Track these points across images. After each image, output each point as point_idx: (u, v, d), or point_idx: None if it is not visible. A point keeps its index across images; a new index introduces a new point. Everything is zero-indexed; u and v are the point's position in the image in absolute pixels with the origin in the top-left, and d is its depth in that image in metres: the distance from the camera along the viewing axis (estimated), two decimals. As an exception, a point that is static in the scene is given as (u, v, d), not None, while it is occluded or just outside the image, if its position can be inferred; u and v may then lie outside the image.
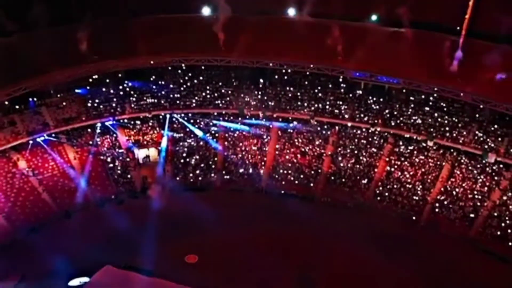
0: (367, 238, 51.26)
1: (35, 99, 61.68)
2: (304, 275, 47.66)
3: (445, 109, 57.76)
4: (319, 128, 62.39)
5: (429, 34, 55.86)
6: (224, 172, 62.17)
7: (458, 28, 54.99)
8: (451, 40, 54.43)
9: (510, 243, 50.04)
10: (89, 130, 63.80)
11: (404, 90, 58.50)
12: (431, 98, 58.00)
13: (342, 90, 61.65)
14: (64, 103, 62.97)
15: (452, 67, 52.34)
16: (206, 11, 63.73)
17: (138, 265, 48.40)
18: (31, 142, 60.59)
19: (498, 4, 51.94)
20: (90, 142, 63.49)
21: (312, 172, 60.40)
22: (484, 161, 54.85)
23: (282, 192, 59.36)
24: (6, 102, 59.78)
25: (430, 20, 56.53)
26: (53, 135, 61.84)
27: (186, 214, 55.49)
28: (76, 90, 63.35)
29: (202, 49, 60.83)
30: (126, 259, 48.92)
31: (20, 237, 53.17)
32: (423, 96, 58.18)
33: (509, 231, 50.87)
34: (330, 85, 61.93)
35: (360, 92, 60.65)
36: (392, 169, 58.43)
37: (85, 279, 48.14)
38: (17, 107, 60.93)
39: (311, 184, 59.56)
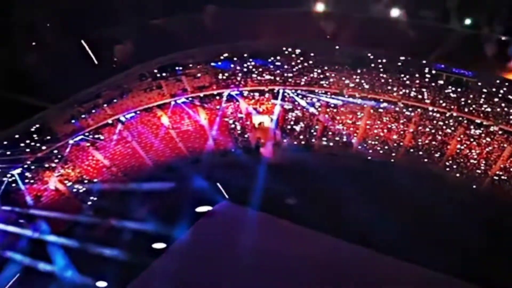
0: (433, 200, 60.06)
1: (179, 68, 74.87)
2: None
3: (512, 100, 67.28)
4: (404, 110, 72.71)
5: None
6: (322, 138, 74.44)
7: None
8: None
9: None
10: (217, 97, 76.50)
11: (479, 83, 68.01)
12: (501, 91, 67.14)
13: (426, 79, 71.28)
14: (199, 74, 75.86)
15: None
16: (320, 7, 76.91)
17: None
18: (172, 103, 74.94)
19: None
20: (218, 107, 76.17)
21: (395, 144, 71.58)
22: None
23: (369, 158, 71.04)
24: (156, 70, 73.76)
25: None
26: (190, 98, 75.48)
27: (293, 167, 68.05)
28: (212, 64, 76.06)
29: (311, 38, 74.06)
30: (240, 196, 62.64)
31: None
32: (494, 89, 67.52)
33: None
34: (417, 75, 71.61)
35: (442, 82, 70.37)
36: (462, 147, 68.81)
37: (208, 208, 62.30)
38: (163, 74, 74.18)
39: (393, 154, 70.83)
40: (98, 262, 53.97)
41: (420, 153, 70.59)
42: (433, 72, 70.56)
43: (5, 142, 59.88)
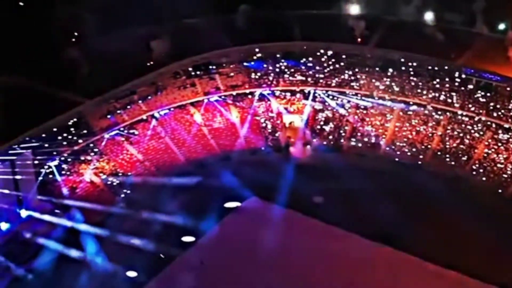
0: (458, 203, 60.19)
1: (213, 67, 77.39)
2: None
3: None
4: (433, 113, 73.33)
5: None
6: (351, 139, 75.72)
7: None
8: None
9: None
10: (249, 96, 78.72)
11: (508, 88, 68.08)
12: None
13: (456, 84, 71.82)
14: (233, 73, 78.13)
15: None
16: (351, 9, 78.26)
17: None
18: (205, 100, 77.05)
19: None
20: (250, 105, 78.61)
21: (423, 147, 72.39)
22: None
23: (396, 159, 72.09)
24: (190, 69, 76.34)
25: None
26: (223, 97, 77.54)
27: (321, 167, 69.66)
28: (244, 64, 78.44)
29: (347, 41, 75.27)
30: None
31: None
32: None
33: None
34: (447, 78, 72.18)
35: (471, 86, 70.79)
36: (490, 152, 69.05)
37: (237, 204, 63.98)
38: (198, 72, 76.70)
39: (421, 156, 71.67)
40: (129, 252, 56.13)
41: (447, 156, 71.21)
42: (463, 76, 71.10)
43: (43, 135, 61.97)
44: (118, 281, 53.32)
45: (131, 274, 53.98)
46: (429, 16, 74.71)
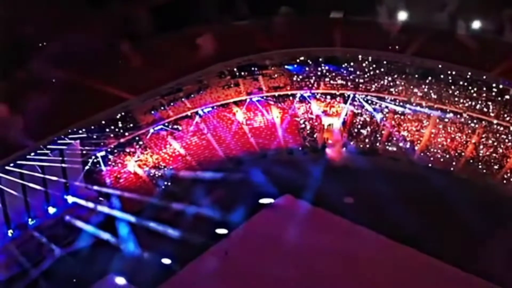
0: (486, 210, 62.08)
1: (256, 68, 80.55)
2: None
3: None
4: (469, 121, 74.71)
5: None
6: (387, 143, 77.68)
7: None
8: None
9: None
10: (290, 97, 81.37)
11: None
12: None
13: (493, 93, 73.18)
14: (276, 75, 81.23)
15: None
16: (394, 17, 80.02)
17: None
18: (248, 100, 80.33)
19: None
20: (290, 106, 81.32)
21: (457, 154, 73.93)
22: None
23: (429, 165, 73.90)
24: (235, 69, 79.70)
25: None
26: (264, 97, 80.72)
27: (355, 169, 72.28)
28: (286, 67, 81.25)
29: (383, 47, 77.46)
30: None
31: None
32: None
33: None
34: (484, 88, 73.59)
35: (508, 97, 72.11)
36: None
37: (271, 200, 66.76)
38: (242, 73, 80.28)
39: (453, 163, 73.31)
40: (165, 241, 59.72)
41: (480, 164, 72.48)
42: (500, 86, 72.29)
43: (92, 127, 65.93)
44: (149, 266, 57.14)
45: (166, 261, 57.60)
46: (467, 26, 75.66)
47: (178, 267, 56.98)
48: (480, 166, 72.53)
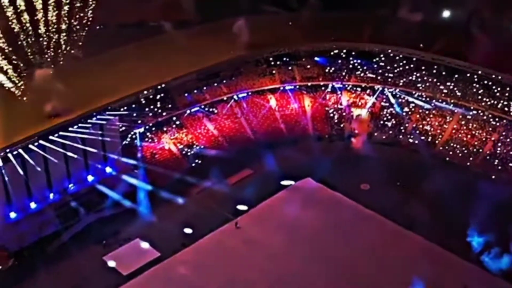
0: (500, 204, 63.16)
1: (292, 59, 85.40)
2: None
3: None
4: (491, 119, 77.42)
5: None
6: (410, 136, 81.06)
7: None
8: None
9: None
10: (322, 88, 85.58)
11: None
12: None
13: None
14: (309, 66, 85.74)
15: None
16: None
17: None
18: (281, 88, 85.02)
19: None
20: (321, 96, 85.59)
21: (475, 150, 76.81)
22: None
23: (447, 159, 77.18)
24: (271, 58, 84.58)
25: None
26: (297, 86, 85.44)
27: (377, 158, 75.68)
28: (315, 58, 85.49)
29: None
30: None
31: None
32: None
33: None
34: (508, 88, 75.85)
35: None
36: None
37: (292, 182, 71.37)
38: (278, 62, 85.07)
39: (471, 159, 76.20)
40: (189, 214, 65.90)
41: (496, 160, 75.34)
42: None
43: (133, 105, 71.55)
44: (171, 234, 62.96)
45: (188, 230, 63.46)
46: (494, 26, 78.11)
47: (198, 236, 62.50)
48: (496, 162, 75.18)
